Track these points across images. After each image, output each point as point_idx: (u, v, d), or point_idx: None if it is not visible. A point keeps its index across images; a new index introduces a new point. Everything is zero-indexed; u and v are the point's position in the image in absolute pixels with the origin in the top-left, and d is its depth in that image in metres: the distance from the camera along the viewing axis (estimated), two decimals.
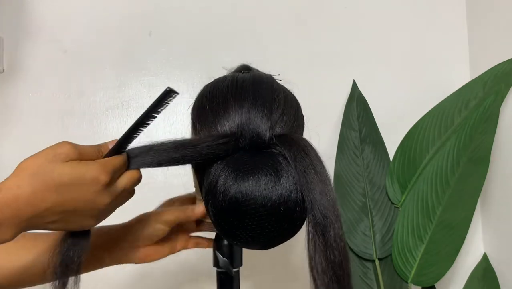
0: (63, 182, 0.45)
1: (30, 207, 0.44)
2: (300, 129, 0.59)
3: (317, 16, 1.20)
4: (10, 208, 0.43)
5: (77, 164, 0.47)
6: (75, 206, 0.47)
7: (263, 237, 0.51)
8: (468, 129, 0.98)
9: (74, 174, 0.46)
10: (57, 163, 0.46)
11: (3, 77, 1.10)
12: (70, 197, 0.46)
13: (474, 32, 1.20)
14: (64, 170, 0.46)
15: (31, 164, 0.46)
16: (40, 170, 0.45)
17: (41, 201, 0.44)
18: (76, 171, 0.46)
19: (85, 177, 0.47)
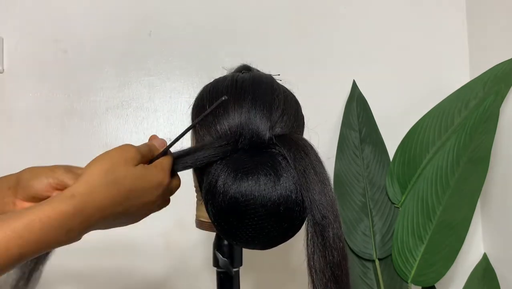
0: (134, 187, 0.47)
1: (100, 212, 0.44)
2: (300, 129, 0.59)
3: (317, 16, 1.20)
4: (82, 215, 0.43)
5: (147, 170, 0.49)
6: (137, 208, 0.48)
7: (263, 237, 0.51)
8: (468, 129, 0.98)
9: (145, 179, 0.48)
10: (129, 168, 0.47)
11: (3, 77, 1.10)
12: (137, 201, 0.48)
13: (474, 32, 1.20)
14: (136, 176, 0.47)
15: (101, 169, 0.46)
16: (112, 175, 0.46)
17: (111, 207, 0.45)
18: (147, 176, 0.48)
19: (153, 182, 0.49)
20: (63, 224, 0.42)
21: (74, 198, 0.43)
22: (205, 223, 0.63)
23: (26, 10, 1.12)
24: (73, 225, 0.42)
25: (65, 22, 1.14)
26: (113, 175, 0.45)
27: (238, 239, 0.52)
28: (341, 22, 1.21)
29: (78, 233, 0.44)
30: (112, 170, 0.46)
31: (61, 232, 0.42)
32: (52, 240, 0.41)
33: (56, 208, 0.42)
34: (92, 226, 0.45)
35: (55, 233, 0.41)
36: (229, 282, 0.64)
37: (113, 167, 0.46)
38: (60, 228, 0.42)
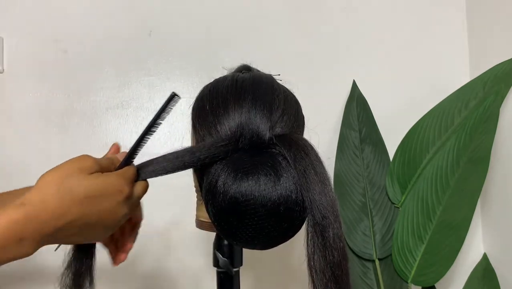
0: (89, 194, 0.46)
1: (54, 221, 0.43)
2: (300, 129, 0.59)
3: (317, 16, 1.20)
4: (33, 223, 0.42)
5: (102, 176, 0.48)
6: (98, 218, 0.47)
7: (263, 237, 0.51)
8: (468, 129, 0.98)
9: (101, 186, 0.47)
10: (83, 175, 0.46)
11: (3, 77, 1.10)
12: (95, 209, 0.46)
13: (474, 32, 1.20)
14: (90, 183, 0.46)
15: (54, 177, 0.45)
16: (66, 183, 0.45)
17: (65, 215, 0.44)
18: (102, 183, 0.47)
19: (110, 189, 0.47)
20: (14, 232, 0.41)
21: (25, 206, 0.42)
22: (205, 223, 0.63)
23: (26, 10, 1.12)
24: (25, 233, 0.42)
25: (65, 22, 1.14)
26: (67, 182, 0.45)
27: (238, 239, 0.52)
28: (341, 22, 1.21)
29: (32, 242, 0.42)
30: (66, 177, 0.45)
31: (13, 240, 0.41)
32: (3, 249, 0.41)
33: (7, 215, 0.41)
34: (48, 236, 0.44)
35: (7, 241, 0.41)
36: (229, 282, 0.64)
37: (66, 175, 0.45)
38: (12, 236, 0.41)
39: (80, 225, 0.46)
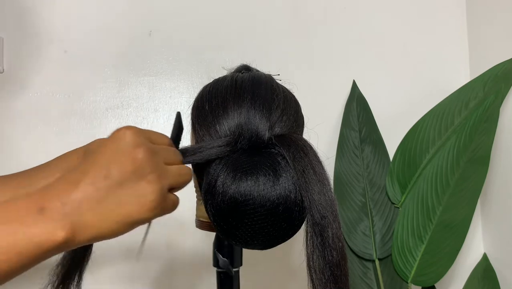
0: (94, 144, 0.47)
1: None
2: (299, 129, 0.59)
3: (317, 16, 1.20)
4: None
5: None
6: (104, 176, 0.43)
7: (262, 237, 0.51)
8: (468, 129, 0.98)
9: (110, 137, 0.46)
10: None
11: (3, 77, 1.10)
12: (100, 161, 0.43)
13: (474, 32, 1.20)
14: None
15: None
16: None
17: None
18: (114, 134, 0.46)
19: (120, 136, 0.45)
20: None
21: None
22: (205, 223, 0.63)
23: (26, 10, 1.12)
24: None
25: (65, 22, 1.14)
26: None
27: (238, 239, 0.52)
28: (341, 22, 1.21)
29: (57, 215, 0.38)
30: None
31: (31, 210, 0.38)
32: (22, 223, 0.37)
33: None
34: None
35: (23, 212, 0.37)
36: (229, 282, 0.64)
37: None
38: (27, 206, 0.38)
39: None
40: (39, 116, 1.11)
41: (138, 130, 0.43)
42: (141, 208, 0.41)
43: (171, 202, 0.44)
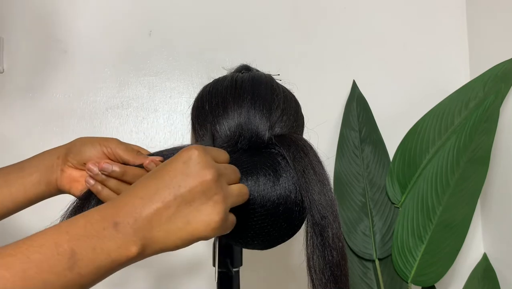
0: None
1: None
2: (299, 129, 0.59)
3: (317, 16, 1.20)
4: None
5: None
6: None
7: (262, 237, 0.51)
8: (468, 129, 0.98)
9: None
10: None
11: (3, 77, 1.10)
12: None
13: (474, 32, 1.19)
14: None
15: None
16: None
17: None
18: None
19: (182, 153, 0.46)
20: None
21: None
22: None
23: (26, 10, 1.12)
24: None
25: (65, 22, 1.14)
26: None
27: (238, 239, 0.52)
28: (342, 22, 1.21)
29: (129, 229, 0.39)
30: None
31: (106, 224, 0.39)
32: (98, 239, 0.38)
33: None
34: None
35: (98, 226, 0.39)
36: (229, 282, 0.64)
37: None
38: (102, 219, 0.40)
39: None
40: (39, 116, 1.11)
41: (205, 150, 0.44)
42: (206, 227, 0.42)
43: (231, 221, 0.46)
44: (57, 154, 0.57)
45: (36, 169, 0.56)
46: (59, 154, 0.57)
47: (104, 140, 0.55)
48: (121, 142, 0.55)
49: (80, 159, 0.55)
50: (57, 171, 0.56)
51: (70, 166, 0.56)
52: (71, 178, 0.56)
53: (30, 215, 0.65)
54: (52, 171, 0.56)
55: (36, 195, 0.57)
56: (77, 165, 0.56)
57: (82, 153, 0.55)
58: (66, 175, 0.56)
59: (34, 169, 0.56)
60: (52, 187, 0.57)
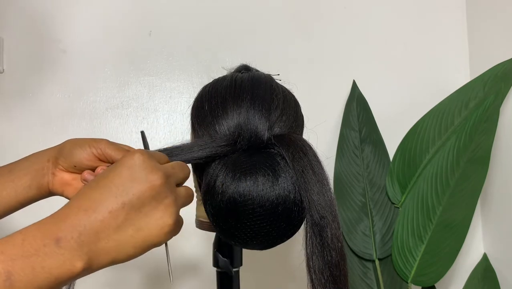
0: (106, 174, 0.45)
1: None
2: (299, 129, 0.59)
3: (317, 16, 1.20)
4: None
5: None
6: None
7: (262, 237, 0.51)
8: (468, 129, 0.98)
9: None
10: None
11: (3, 77, 1.10)
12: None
13: (474, 32, 1.19)
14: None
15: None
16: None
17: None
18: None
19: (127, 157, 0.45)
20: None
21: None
22: (205, 223, 0.63)
23: (26, 10, 1.12)
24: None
25: (65, 22, 1.14)
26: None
27: (237, 239, 0.52)
28: (342, 22, 1.21)
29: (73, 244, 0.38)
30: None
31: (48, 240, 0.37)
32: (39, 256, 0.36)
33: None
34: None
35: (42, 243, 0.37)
36: (229, 282, 0.64)
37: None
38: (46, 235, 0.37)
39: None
40: (39, 116, 1.11)
41: (148, 154, 0.43)
42: (160, 231, 0.41)
43: (181, 223, 0.45)
44: (47, 157, 0.56)
45: (26, 172, 0.55)
46: (49, 157, 0.56)
47: (94, 141, 0.54)
48: (111, 143, 0.54)
49: (70, 162, 0.54)
50: (48, 175, 0.55)
51: (61, 169, 0.55)
52: (63, 181, 0.56)
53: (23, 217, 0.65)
54: (43, 174, 0.55)
55: (27, 198, 0.56)
56: (68, 168, 0.55)
57: (72, 155, 0.54)
58: (58, 179, 0.55)
59: (24, 172, 0.55)
60: (44, 190, 0.56)
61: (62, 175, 0.55)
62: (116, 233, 0.39)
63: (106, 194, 0.40)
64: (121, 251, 0.40)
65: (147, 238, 0.41)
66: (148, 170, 0.41)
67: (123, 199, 0.40)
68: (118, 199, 0.40)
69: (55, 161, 0.55)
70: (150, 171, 0.41)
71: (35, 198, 0.57)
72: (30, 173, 0.55)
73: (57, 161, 0.55)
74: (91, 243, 0.38)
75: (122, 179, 0.41)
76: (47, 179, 0.56)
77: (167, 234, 0.42)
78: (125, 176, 0.41)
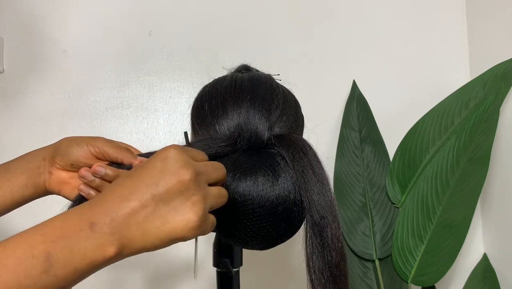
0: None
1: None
2: (299, 130, 0.59)
3: (317, 16, 1.20)
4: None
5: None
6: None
7: (262, 237, 0.51)
8: (468, 129, 0.98)
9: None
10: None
11: (3, 77, 1.10)
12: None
13: (474, 32, 1.19)
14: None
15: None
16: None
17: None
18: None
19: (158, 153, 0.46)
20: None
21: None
22: None
23: (26, 10, 1.12)
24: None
25: (65, 22, 1.14)
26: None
27: (237, 239, 0.52)
28: (342, 22, 1.21)
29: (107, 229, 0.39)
30: None
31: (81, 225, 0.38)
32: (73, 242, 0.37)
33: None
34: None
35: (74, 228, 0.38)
36: (229, 282, 0.64)
37: None
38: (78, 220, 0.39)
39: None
40: (39, 116, 1.11)
41: (183, 149, 0.43)
42: (184, 227, 0.41)
43: (211, 222, 0.45)
44: (43, 155, 0.56)
45: (22, 171, 0.55)
46: (45, 156, 0.56)
47: (91, 139, 0.54)
48: (108, 141, 0.54)
49: (67, 160, 0.54)
50: (44, 173, 0.55)
51: (58, 167, 0.55)
52: (60, 180, 0.56)
53: (21, 217, 0.65)
54: (39, 173, 0.55)
55: (24, 198, 0.56)
56: (65, 166, 0.55)
57: (69, 153, 0.54)
58: (55, 177, 0.55)
59: (20, 171, 0.55)
60: (41, 189, 0.56)
61: (59, 173, 0.55)
62: (145, 223, 0.40)
63: (139, 183, 0.41)
64: (147, 240, 0.41)
65: (172, 232, 0.41)
66: (179, 164, 0.42)
67: (152, 190, 0.41)
68: (148, 189, 0.41)
69: (52, 159, 0.55)
70: (182, 165, 0.42)
71: (32, 197, 0.57)
72: (26, 172, 0.55)
73: (54, 159, 0.55)
74: (122, 229, 0.39)
75: (155, 170, 0.42)
76: (43, 178, 0.55)
77: (192, 231, 0.42)
78: (157, 168, 0.42)
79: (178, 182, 0.41)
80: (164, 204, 0.41)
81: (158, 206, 0.41)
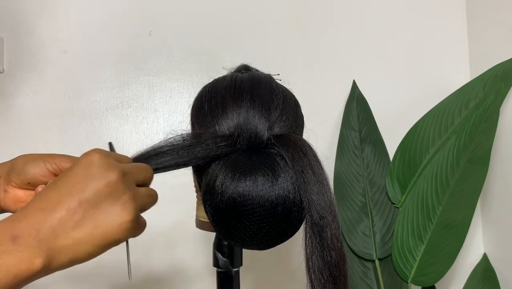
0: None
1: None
2: (299, 130, 0.59)
3: (317, 16, 1.20)
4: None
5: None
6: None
7: (261, 238, 0.51)
8: (468, 129, 0.98)
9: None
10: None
11: (3, 77, 1.10)
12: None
13: (474, 32, 1.19)
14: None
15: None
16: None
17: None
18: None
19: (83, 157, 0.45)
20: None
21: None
22: (205, 223, 0.63)
23: (26, 10, 1.12)
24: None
25: (65, 22, 1.14)
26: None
27: (237, 240, 0.52)
28: (341, 22, 1.21)
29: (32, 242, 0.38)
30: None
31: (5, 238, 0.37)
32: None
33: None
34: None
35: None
36: (229, 282, 0.64)
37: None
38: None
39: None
40: (39, 116, 1.11)
41: (106, 152, 0.43)
42: (118, 228, 0.41)
43: (143, 223, 0.44)
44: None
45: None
46: (0, 173, 0.54)
47: (48, 156, 0.52)
48: (66, 156, 0.52)
49: (23, 178, 0.52)
50: (0, 192, 0.54)
51: (14, 185, 0.53)
52: (16, 199, 0.54)
53: None
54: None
55: None
56: (21, 185, 0.53)
57: (25, 171, 0.52)
58: (11, 196, 0.53)
59: None
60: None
61: (15, 192, 0.53)
62: (75, 231, 0.39)
63: (63, 192, 0.40)
64: (80, 249, 0.40)
65: (106, 235, 0.40)
66: (104, 167, 0.41)
67: (79, 197, 0.40)
68: (74, 197, 0.40)
69: (7, 177, 0.53)
70: (106, 168, 0.41)
71: None
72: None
73: (9, 177, 0.53)
74: (50, 240, 0.38)
75: (79, 177, 0.41)
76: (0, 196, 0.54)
77: (126, 231, 0.41)
78: (81, 174, 0.41)
79: (106, 184, 0.40)
80: (93, 208, 0.40)
81: (87, 211, 0.40)
